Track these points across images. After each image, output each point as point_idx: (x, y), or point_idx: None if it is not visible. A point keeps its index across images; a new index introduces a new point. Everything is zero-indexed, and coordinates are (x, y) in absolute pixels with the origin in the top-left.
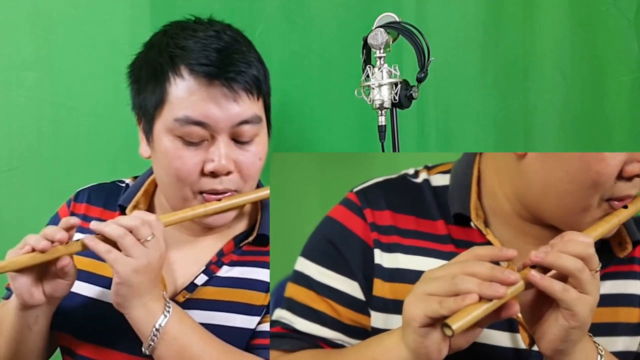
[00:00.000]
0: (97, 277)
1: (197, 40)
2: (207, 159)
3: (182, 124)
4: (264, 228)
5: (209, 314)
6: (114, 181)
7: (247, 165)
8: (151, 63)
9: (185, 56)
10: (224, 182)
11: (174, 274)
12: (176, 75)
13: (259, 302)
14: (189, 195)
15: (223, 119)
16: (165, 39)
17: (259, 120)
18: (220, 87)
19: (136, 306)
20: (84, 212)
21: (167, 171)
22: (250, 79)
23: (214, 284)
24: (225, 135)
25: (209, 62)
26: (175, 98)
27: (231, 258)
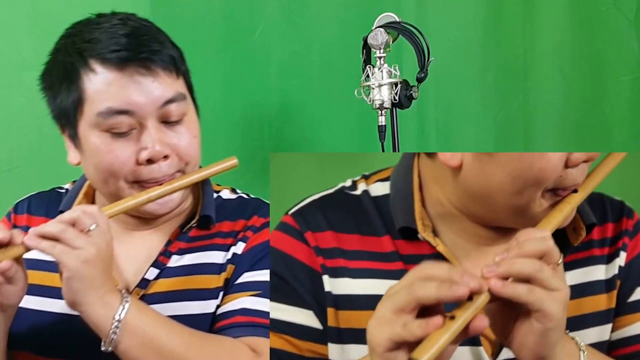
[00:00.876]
0: (53, 289)
1: (104, 30)
2: (140, 148)
3: (105, 116)
4: (206, 209)
5: (166, 306)
6: (53, 188)
7: (184, 146)
8: (61, 65)
9: (93, 48)
10: (162, 168)
11: (125, 273)
12: (88, 69)
13: (212, 284)
14: (124, 187)
15: (147, 103)
16: (70, 38)
17: (183, 97)
18: (136, 69)
19: (92, 301)
20: (25, 223)
21: (100, 168)
22: (165, 57)
23: (167, 275)
24: (153, 120)
25: (119, 47)
26: (93, 92)
27: (179, 246)
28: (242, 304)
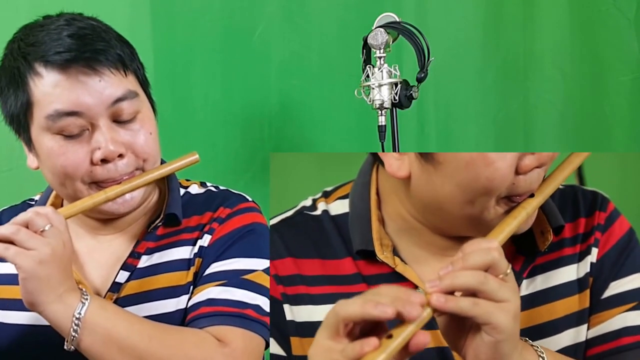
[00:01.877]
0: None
1: (47, 33)
2: (93, 148)
3: (54, 119)
4: (171, 207)
5: (140, 307)
6: (25, 201)
7: (140, 144)
8: (8, 70)
9: (37, 51)
10: (119, 167)
11: (95, 279)
12: (34, 73)
13: (183, 281)
14: (82, 188)
15: (95, 103)
16: (16, 43)
17: (134, 95)
18: (81, 69)
19: (50, 301)
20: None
21: (55, 171)
22: (111, 56)
23: (137, 276)
24: (104, 119)
25: (62, 49)
26: (40, 96)
27: (147, 246)
28: (208, 295)
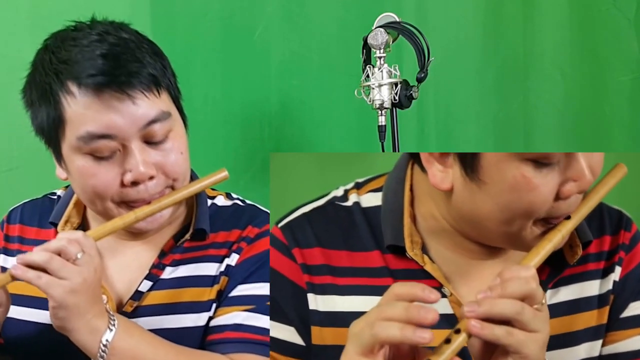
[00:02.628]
0: (41, 300)
1: (80, 50)
2: (124, 170)
3: (86, 140)
4: (200, 222)
5: (159, 319)
6: (46, 195)
7: (170, 164)
8: (39, 84)
9: (70, 70)
10: (149, 188)
11: (117, 284)
12: (66, 93)
13: (205, 297)
14: (112, 208)
15: (128, 126)
16: (47, 55)
17: (167, 116)
18: (113, 93)
19: (79, 327)
20: (18, 233)
21: (85, 189)
22: (144, 78)
23: (160, 287)
24: (136, 141)
25: (95, 72)
26: (72, 116)
27: (173, 258)
28: (235, 319)
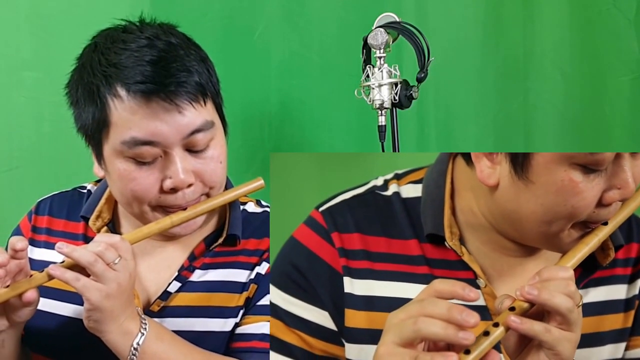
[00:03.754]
0: (70, 294)
1: (130, 54)
2: (164, 176)
3: (130, 146)
4: (233, 228)
5: (185, 321)
6: (75, 188)
7: (209, 173)
8: (86, 84)
9: (119, 74)
10: (186, 195)
11: (145, 283)
12: (114, 96)
13: (233, 303)
14: (148, 211)
15: (172, 134)
16: (97, 55)
17: (211, 125)
18: (161, 102)
19: (112, 329)
20: (46, 225)
21: (124, 192)
22: (192, 88)
23: (188, 289)
24: (178, 149)
25: (144, 79)
26: (118, 119)
27: (203, 261)
28: (262, 329)
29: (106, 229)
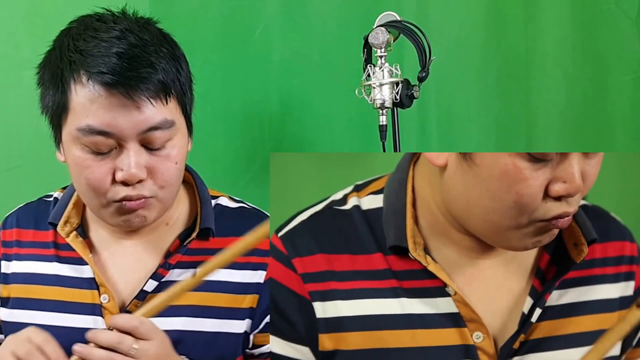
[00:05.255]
0: (47, 302)
1: (97, 43)
2: (116, 167)
3: (85, 133)
4: (206, 221)
5: (166, 320)
6: (41, 198)
7: (161, 171)
8: (53, 67)
9: (83, 62)
10: (137, 189)
11: (118, 283)
12: (76, 82)
13: (219, 303)
14: (103, 203)
15: (129, 128)
16: (67, 39)
17: (170, 124)
18: (120, 96)
19: None
20: (15, 237)
21: (79, 180)
22: (153, 85)
23: (165, 287)
24: (134, 143)
25: (106, 70)
26: (77, 105)
27: (179, 259)
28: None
29: (75, 233)
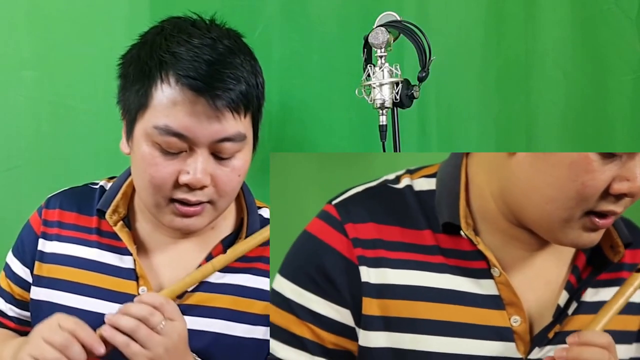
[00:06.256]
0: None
1: (191, 48)
2: (182, 170)
3: (161, 132)
4: (251, 230)
5: (203, 320)
6: (86, 184)
7: (224, 181)
8: (140, 62)
9: (175, 64)
10: (197, 195)
11: (160, 278)
12: (163, 81)
13: (254, 309)
14: (161, 202)
15: (204, 135)
16: (159, 39)
17: (242, 138)
18: (204, 104)
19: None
20: (57, 218)
21: (142, 176)
22: (237, 97)
23: (206, 289)
24: (204, 149)
25: (196, 75)
26: (159, 104)
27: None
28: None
29: (122, 223)
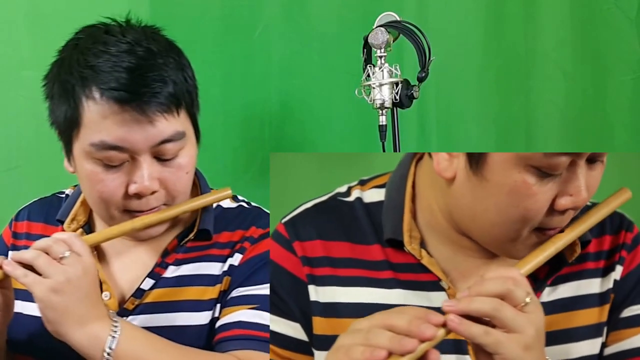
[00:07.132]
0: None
1: (108, 58)
2: (129, 181)
3: (98, 149)
4: (205, 223)
5: (161, 316)
6: (54, 194)
7: (173, 181)
8: (62, 81)
9: (95, 78)
10: (149, 201)
11: (118, 281)
12: (87, 98)
13: (207, 296)
14: (115, 214)
15: (141, 142)
16: (76, 54)
17: (181, 136)
18: (133, 112)
19: (73, 332)
20: (26, 230)
21: (91, 193)
22: (165, 99)
23: (162, 285)
24: (146, 155)
25: (119, 86)
26: (90, 121)
27: (175, 257)
28: (239, 317)
29: (81, 231)
